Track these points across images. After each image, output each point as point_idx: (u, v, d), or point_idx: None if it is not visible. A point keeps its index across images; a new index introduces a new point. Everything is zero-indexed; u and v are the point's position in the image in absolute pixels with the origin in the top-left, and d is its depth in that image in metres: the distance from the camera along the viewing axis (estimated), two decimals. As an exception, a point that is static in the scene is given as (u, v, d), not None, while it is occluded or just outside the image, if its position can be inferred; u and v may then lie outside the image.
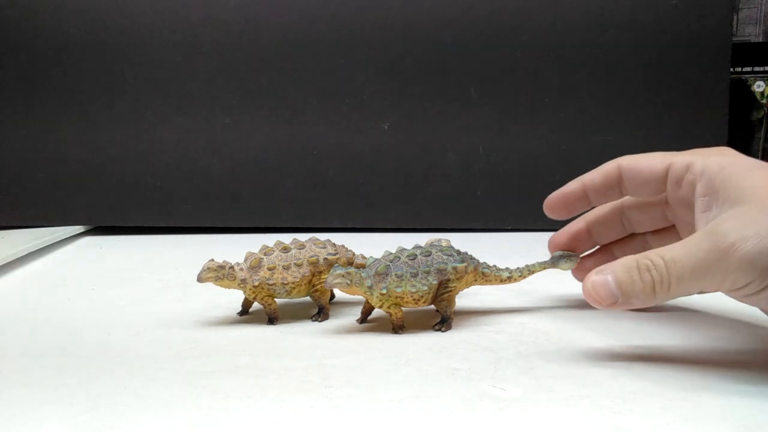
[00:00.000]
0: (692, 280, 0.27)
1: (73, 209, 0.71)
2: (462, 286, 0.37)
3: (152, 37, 0.70)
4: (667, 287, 0.28)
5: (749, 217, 0.27)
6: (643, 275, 0.28)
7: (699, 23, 0.68)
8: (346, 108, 0.71)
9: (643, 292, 0.28)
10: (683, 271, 0.27)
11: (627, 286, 0.28)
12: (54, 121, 0.70)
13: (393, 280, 0.34)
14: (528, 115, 0.70)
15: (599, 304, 0.29)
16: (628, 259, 0.29)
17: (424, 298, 0.35)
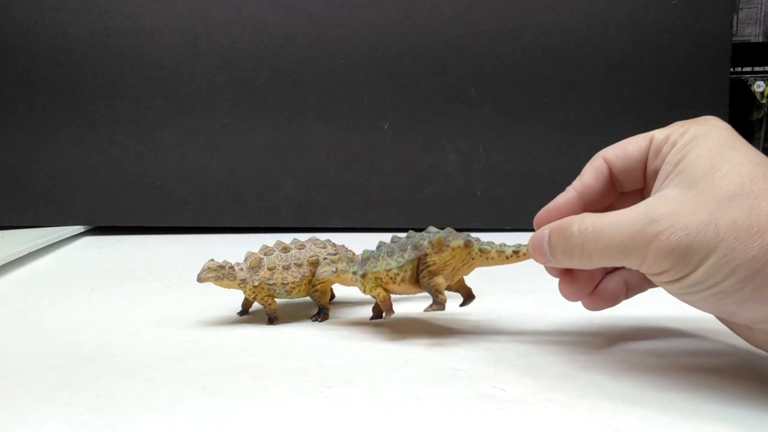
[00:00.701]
0: (615, 256, 0.27)
1: (73, 209, 0.71)
2: (451, 262, 0.33)
3: (152, 37, 0.70)
4: (588, 257, 0.27)
5: (688, 206, 0.25)
6: (569, 239, 0.28)
7: (699, 23, 0.68)
8: (346, 108, 0.71)
9: (564, 256, 0.28)
10: (608, 246, 0.27)
11: (554, 246, 0.29)
12: (54, 122, 0.70)
13: (371, 262, 0.34)
14: (528, 115, 0.70)
15: (536, 260, 0.31)
16: (566, 220, 0.29)
17: (401, 276, 0.33)
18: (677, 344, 0.34)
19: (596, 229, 0.27)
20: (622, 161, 0.32)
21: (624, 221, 0.27)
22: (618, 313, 0.40)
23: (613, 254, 0.27)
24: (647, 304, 0.41)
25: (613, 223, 0.27)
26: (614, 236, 0.26)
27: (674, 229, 0.25)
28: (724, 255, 0.24)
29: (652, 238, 0.25)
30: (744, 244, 0.24)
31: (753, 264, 0.24)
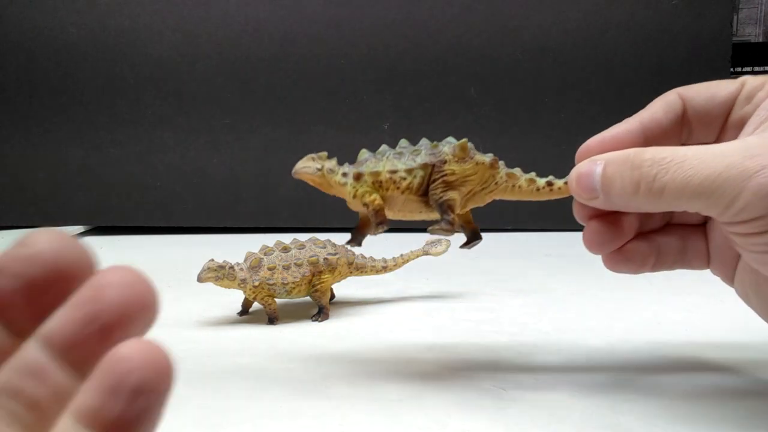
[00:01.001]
0: (694, 195, 0.22)
1: (73, 209, 0.71)
2: (472, 179, 0.29)
3: (152, 37, 0.70)
4: (659, 193, 0.23)
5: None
6: (638, 169, 0.23)
7: (699, 23, 0.68)
8: (346, 108, 0.71)
9: (624, 191, 0.24)
10: (690, 180, 0.22)
11: (612, 178, 0.24)
12: (54, 121, 0.70)
13: (370, 163, 0.28)
14: (528, 115, 0.70)
15: (578, 196, 0.26)
16: (633, 149, 0.24)
17: (408, 182, 0.28)
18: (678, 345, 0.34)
19: (677, 158, 0.23)
20: (703, 100, 0.27)
21: (714, 152, 0.22)
22: (618, 313, 0.40)
23: (692, 191, 0.22)
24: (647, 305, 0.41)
25: (700, 153, 0.22)
26: (700, 168, 0.22)
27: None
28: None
29: (752, 173, 0.21)
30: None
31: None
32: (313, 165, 0.29)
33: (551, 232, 0.67)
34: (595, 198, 0.25)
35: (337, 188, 0.29)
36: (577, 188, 0.26)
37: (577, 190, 0.26)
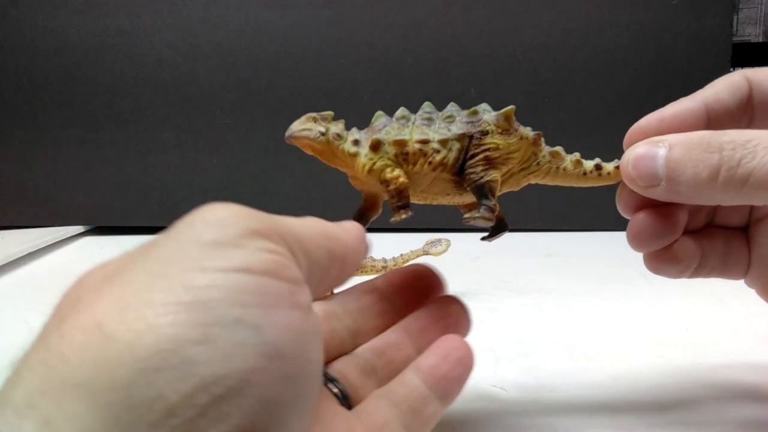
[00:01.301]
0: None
1: (73, 209, 0.71)
2: (514, 156, 0.24)
3: (152, 37, 0.69)
4: (742, 181, 0.20)
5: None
6: (718, 152, 0.20)
7: (699, 23, 0.68)
8: (345, 108, 0.71)
9: (697, 177, 0.20)
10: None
11: (684, 163, 0.21)
12: (54, 121, 0.70)
13: (393, 128, 0.23)
14: (528, 115, 0.70)
15: (633, 183, 0.22)
16: (697, 132, 0.21)
17: (442, 156, 0.23)
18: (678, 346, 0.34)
19: (764, 141, 0.20)
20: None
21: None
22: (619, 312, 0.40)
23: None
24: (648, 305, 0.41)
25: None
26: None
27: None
28: None
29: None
30: None
31: None
32: (315, 128, 0.23)
33: (551, 232, 0.67)
34: (655, 186, 0.21)
35: (343, 159, 0.23)
36: (633, 173, 0.22)
37: (632, 176, 0.22)
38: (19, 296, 0.47)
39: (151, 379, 0.12)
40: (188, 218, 0.16)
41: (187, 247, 0.15)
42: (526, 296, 0.44)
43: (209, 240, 0.15)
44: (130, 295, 0.14)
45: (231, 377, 0.13)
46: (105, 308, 0.13)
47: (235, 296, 0.14)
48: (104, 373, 0.12)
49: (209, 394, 0.13)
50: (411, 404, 0.21)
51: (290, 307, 0.15)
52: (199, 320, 0.13)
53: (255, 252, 0.15)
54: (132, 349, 0.13)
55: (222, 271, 0.14)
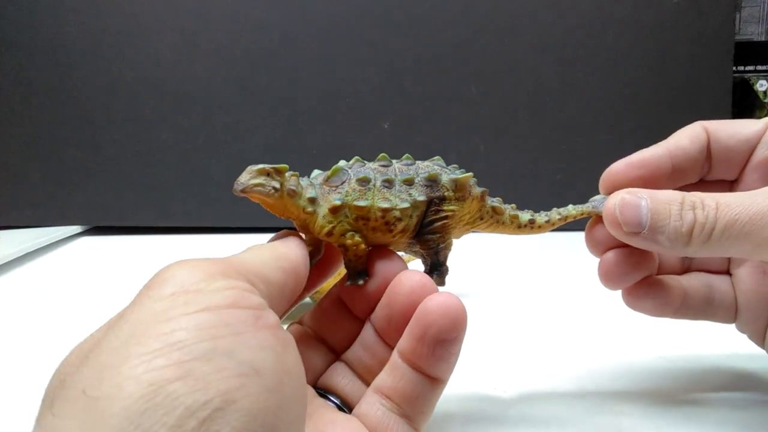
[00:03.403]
0: (743, 234, 0.21)
1: (72, 209, 0.71)
2: (464, 218, 0.25)
3: (151, 36, 0.69)
4: (708, 234, 0.22)
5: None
6: (684, 212, 0.23)
7: (701, 22, 0.67)
8: (346, 108, 0.71)
9: (676, 232, 0.22)
10: (737, 218, 0.21)
11: (661, 217, 0.23)
12: (52, 121, 0.70)
13: (353, 189, 0.22)
14: (528, 115, 0.70)
15: (617, 228, 0.24)
16: (673, 192, 0.23)
17: (404, 224, 0.23)
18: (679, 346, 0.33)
19: (720, 202, 0.22)
20: (726, 136, 0.27)
21: (757, 193, 0.22)
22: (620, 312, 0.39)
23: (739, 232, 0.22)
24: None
25: (742, 195, 0.22)
26: (746, 207, 0.21)
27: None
28: None
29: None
30: None
31: None
32: (268, 182, 0.22)
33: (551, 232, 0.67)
34: (636, 234, 0.23)
35: (297, 214, 0.22)
36: (620, 218, 0.24)
37: (617, 221, 0.24)
38: (17, 296, 0.47)
39: (140, 420, 0.13)
40: (147, 283, 0.17)
41: (150, 305, 0.16)
42: (526, 296, 0.44)
43: (169, 293, 0.16)
44: (106, 359, 0.15)
45: (214, 400, 0.14)
46: (86, 378, 0.15)
47: (202, 332, 0.15)
48: (95, 427, 0.13)
49: (196, 419, 0.14)
50: (402, 393, 0.21)
51: (258, 329, 0.16)
52: (174, 360, 0.14)
53: (214, 292, 0.16)
54: (115, 400, 0.14)
55: (186, 315, 0.16)
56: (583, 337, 0.35)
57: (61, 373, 0.16)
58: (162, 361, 0.14)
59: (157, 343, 0.15)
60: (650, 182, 0.27)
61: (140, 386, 0.14)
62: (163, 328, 0.15)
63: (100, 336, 0.16)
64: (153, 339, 0.15)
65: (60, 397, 0.15)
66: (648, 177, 0.27)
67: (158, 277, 0.17)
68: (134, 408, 0.14)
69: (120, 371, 0.14)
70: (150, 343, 0.15)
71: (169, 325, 0.15)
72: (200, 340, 0.15)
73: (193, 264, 0.17)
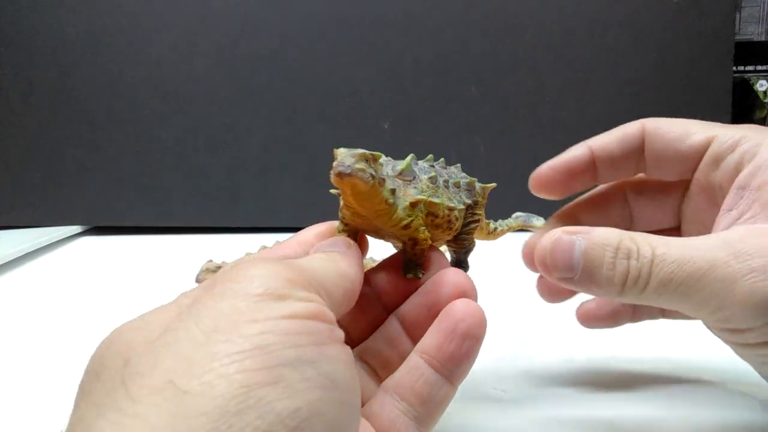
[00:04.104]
0: (678, 292, 0.20)
1: (71, 209, 0.71)
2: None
3: (151, 36, 0.69)
4: (642, 288, 0.20)
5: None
6: (618, 260, 0.21)
7: (701, 22, 0.67)
8: (346, 108, 0.71)
9: (608, 281, 0.21)
10: (672, 276, 0.20)
11: (594, 264, 0.21)
12: (52, 121, 0.70)
13: (427, 186, 0.23)
14: (528, 114, 0.70)
15: (547, 271, 0.22)
16: (611, 233, 0.21)
17: (459, 224, 0.24)
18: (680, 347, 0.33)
19: (657, 254, 0.20)
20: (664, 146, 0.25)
21: (699, 247, 0.20)
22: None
23: (674, 291, 0.20)
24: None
25: (683, 247, 0.20)
26: (683, 265, 0.20)
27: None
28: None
29: (739, 276, 0.19)
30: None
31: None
32: (368, 169, 0.20)
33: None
34: (568, 280, 0.22)
35: (376, 204, 0.21)
36: (547, 260, 0.22)
37: (546, 262, 0.22)
38: (17, 296, 0.47)
39: (233, 421, 0.13)
40: (229, 276, 0.17)
41: (235, 301, 0.16)
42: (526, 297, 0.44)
43: (255, 294, 0.16)
44: (191, 352, 0.15)
45: (302, 409, 0.14)
46: (171, 368, 0.14)
47: (289, 339, 0.15)
48: (184, 423, 0.13)
49: (286, 427, 0.14)
50: (418, 394, 0.20)
51: (333, 343, 0.17)
52: (263, 364, 0.14)
53: (298, 301, 0.17)
54: (208, 398, 0.14)
55: (272, 320, 0.16)
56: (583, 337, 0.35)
57: (119, 352, 0.16)
58: (252, 363, 0.14)
59: (246, 344, 0.15)
60: (574, 183, 0.27)
61: (232, 387, 0.14)
62: (252, 329, 0.15)
63: (172, 321, 0.16)
64: (242, 339, 0.15)
65: (136, 380, 0.14)
66: (571, 180, 0.27)
67: (240, 273, 0.17)
68: (227, 408, 0.14)
69: (211, 368, 0.14)
70: (239, 342, 0.15)
71: (257, 327, 0.15)
72: (287, 346, 0.15)
73: (273, 267, 0.17)
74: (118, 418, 0.14)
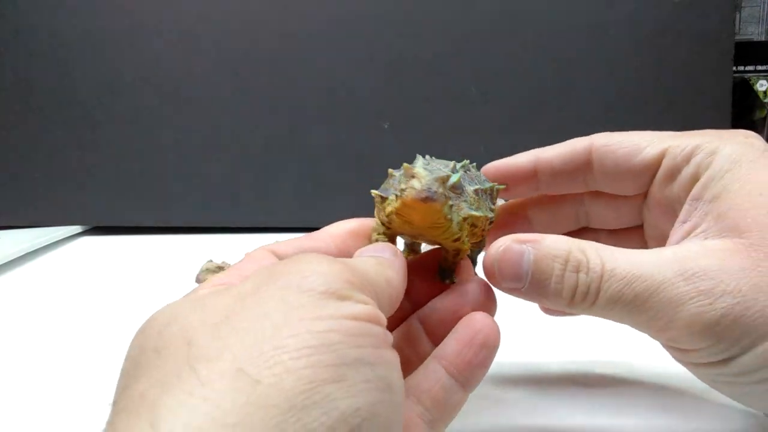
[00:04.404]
0: (626, 310, 0.19)
1: (71, 209, 0.71)
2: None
3: (151, 36, 0.69)
4: (591, 303, 0.20)
5: (740, 263, 0.18)
6: (567, 273, 0.20)
7: (701, 22, 0.67)
8: (346, 108, 0.71)
9: (556, 295, 0.21)
10: (621, 295, 0.19)
11: (543, 276, 0.21)
12: (52, 121, 0.70)
13: (473, 199, 0.23)
14: (528, 114, 0.70)
15: (494, 281, 0.22)
16: (562, 243, 0.21)
17: (486, 232, 0.25)
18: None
19: (607, 269, 0.20)
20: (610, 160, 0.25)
21: (649, 264, 0.19)
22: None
23: (623, 308, 0.20)
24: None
25: (633, 264, 0.20)
26: (632, 283, 0.19)
27: (721, 293, 0.18)
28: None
29: (686, 299, 0.18)
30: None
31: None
32: (444, 192, 0.20)
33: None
34: (516, 289, 0.22)
35: (437, 220, 0.21)
36: (496, 269, 0.22)
37: (494, 271, 0.22)
38: (17, 296, 0.47)
39: (300, 416, 0.14)
40: (290, 269, 0.17)
41: (300, 297, 0.16)
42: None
43: (318, 291, 0.17)
44: (260, 342, 0.15)
45: (363, 409, 0.15)
46: (240, 356, 0.15)
47: (351, 339, 0.16)
48: (256, 413, 0.14)
49: (348, 425, 0.14)
50: (434, 398, 0.20)
51: (387, 347, 0.17)
52: (329, 361, 0.15)
53: (357, 303, 0.17)
54: (278, 390, 0.14)
55: (336, 319, 0.16)
56: (584, 338, 0.35)
57: (181, 333, 0.16)
58: (319, 359, 0.15)
59: (313, 340, 0.15)
60: (516, 188, 0.27)
61: (300, 381, 0.14)
62: (317, 326, 0.15)
63: (232, 308, 0.16)
64: (309, 335, 0.15)
65: (204, 364, 0.15)
66: (513, 186, 0.27)
67: (302, 268, 0.17)
68: (295, 402, 0.14)
69: (280, 360, 0.15)
70: (306, 338, 0.15)
71: (322, 324, 0.16)
72: (350, 346, 0.15)
73: (334, 266, 0.18)
74: (188, 399, 0.14)
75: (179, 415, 0.14)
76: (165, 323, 0.17)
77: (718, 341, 0.18)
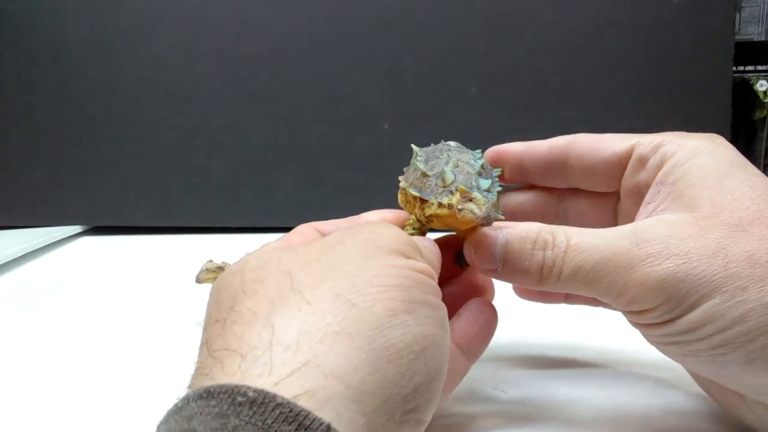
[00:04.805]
0: (588, 279, 0.21)
1: (71, 209, 0.71)
2: None
3: (151, 36, 0.69)
4: (557, 276, 0.22)
5: (690, 229, 0.20)
6: (535, 251, 0.22)
7: (701, 22, 0.67)
8: (346, 108, 0.71)
9: (526, 272, 0.23)
10: (582, 264, 0.21)
11: (515, 256, 0.23)
12: (52, 121, 0.70)
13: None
14: (528, 114, 0.70)
15: (473, 263, 0.24)
16: (533, 226, 0.23)
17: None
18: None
19: (571, 244, 0.22)
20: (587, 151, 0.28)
21: (607, 236, 0.22)
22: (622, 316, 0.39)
23: (584, 277, 0.21)
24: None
25: (593, 237, 0.22)
26: (591, 253, 0.21)
27: (668, 254, 0.20)
28: (732, 295, 0.19)
29: (638, 261, 0.20)
30: (761, 284, 0.19)
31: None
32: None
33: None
34: (492, 271, 0.24)
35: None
36: (474, 255, 0.24)
37: (471, 256, 0.24)
38: (17, 296, 0.47)
39: (385, 333, 0.18)
40: (365, 230, 0.21)
41: (376, 250, 0.20)
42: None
43: (390, 248, 0.21)
44: (352, 277, 0.19)
45: (428, 336, 0.19)
46: (337, 285, 0.19)
47: (418, 285, 0.20)
48: (354, 325, 0.18)
49: (418, 345, 0.18)
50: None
51: (439, 297, 0.21)
52: (404, 298, 0.19)
53: (419, 261, 0.21)
54: (369, 312, 0.18)
55: (406, 269, 0.20)
56: (584, 338, 0.35)
57: (280, 268, 0.19)
58: (397, 294, 0.19)
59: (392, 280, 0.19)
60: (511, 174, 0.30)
61: (385, 308, 0.18)
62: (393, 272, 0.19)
63: (322, 253, 0.20)
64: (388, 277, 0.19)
65: (307, 290, 0.18)
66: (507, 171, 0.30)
67: (375, 230, 0.21)
68: (383, 322, 0.18)
69: (370, 292, 0.18)
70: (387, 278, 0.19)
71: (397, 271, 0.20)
72: (417, 291, 0.19)
73: (400, 232, 0.22)
74: (297, 313, 0.18)
75: (292, 323, 0.17)
76: (262, 262, 0.20)
77: (667, 299, 0.20)
